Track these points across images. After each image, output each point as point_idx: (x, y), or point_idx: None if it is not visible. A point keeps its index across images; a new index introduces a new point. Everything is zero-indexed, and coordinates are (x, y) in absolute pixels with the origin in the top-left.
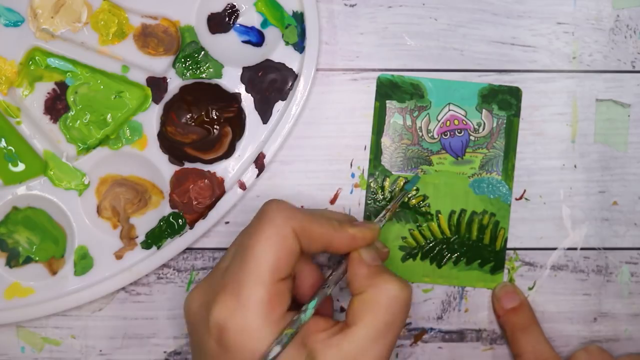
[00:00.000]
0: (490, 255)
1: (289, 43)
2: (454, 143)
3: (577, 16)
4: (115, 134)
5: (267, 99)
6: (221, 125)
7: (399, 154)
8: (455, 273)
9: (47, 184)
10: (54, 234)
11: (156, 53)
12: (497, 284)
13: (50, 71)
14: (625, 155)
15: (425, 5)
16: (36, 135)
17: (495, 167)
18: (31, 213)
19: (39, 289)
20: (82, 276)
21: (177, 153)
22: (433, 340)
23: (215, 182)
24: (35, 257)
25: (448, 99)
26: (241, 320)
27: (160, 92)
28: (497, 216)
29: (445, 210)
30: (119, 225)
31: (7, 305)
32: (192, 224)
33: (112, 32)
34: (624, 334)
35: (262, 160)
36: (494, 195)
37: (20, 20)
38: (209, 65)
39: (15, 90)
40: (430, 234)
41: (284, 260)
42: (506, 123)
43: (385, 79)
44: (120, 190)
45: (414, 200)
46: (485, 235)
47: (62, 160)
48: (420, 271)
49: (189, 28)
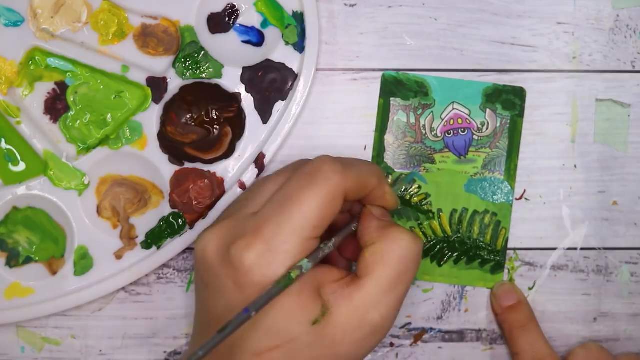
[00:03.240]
0: (490, 254)
1: (289, 43)
2: (457, 142)
3: (577, 16)
4: (115, 134)
5: (267, 99)
6: (221, 125)
7: (402, 152)
8: (455, 272)
9: (47, 184)
10: (54, 234)
11: (156, 53)
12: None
13: (50, 71)
14: (625, 155)
15: (425, 5)
16: (36, 135)
17: (498, 166)
18: (31, 213)
19: (39, 289)
20: (82, 276)
21: (177, 153)
22: (433, 340)
23: (215, 182)
24: (35, 257)
25: (452, 98)
26: (266, 265)
27: (160, 92)
28: (499, 216)
29: (447, 209)
30: (119, 225)
31: (7, 306)
32: (192, 224)
33: (112, 32)
34: (624, 334)
35: (262, 160)
36: (496, 195)
37: (20, 20)
38: (209, 65)
39: (15, 90)
40: (432, 232)
41: (327, 219)
42: (510, 123)
43: (390, 77)
44: (120, 190)
45: (416, 198)
46: (487, 234)
47: (62, 160)
48: (421, 269)
49: (189, 28)
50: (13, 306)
